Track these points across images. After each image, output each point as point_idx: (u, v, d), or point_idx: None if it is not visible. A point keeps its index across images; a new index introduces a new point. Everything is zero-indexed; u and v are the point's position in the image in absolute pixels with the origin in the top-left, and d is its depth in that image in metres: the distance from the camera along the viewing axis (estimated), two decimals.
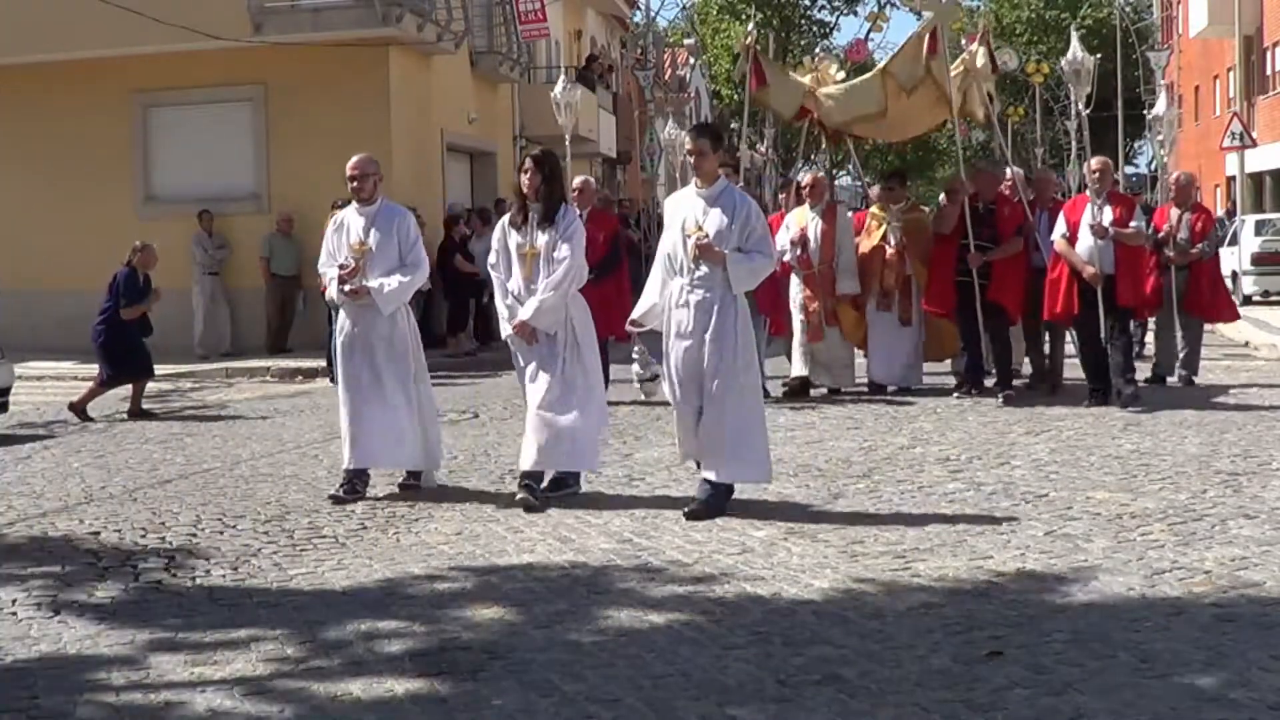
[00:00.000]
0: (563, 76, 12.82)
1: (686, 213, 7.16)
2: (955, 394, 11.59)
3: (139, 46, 17.74)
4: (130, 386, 12.31)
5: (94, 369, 12.52)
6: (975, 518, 6.90)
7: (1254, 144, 26.35)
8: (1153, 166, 25.35)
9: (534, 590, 5.74)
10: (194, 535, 7.03)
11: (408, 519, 7.31)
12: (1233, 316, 13.24)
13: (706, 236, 7.03)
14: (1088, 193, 10.83)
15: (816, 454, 8.96)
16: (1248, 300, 22.58)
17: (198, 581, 6.06)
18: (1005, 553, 6.15)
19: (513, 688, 4.49)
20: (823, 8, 53.57)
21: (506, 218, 7.70)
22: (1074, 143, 23.96)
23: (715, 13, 54.42)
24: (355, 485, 7.91)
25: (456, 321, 18.35)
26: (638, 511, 7.31)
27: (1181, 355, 12.41)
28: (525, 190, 7.52)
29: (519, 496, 7.45)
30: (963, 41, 11.59)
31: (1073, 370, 11.81)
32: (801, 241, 11.91)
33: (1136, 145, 43.61)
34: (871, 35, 56.48)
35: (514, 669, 4.68)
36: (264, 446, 10.18)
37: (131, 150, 19.08)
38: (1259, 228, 24.23)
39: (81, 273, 16.77)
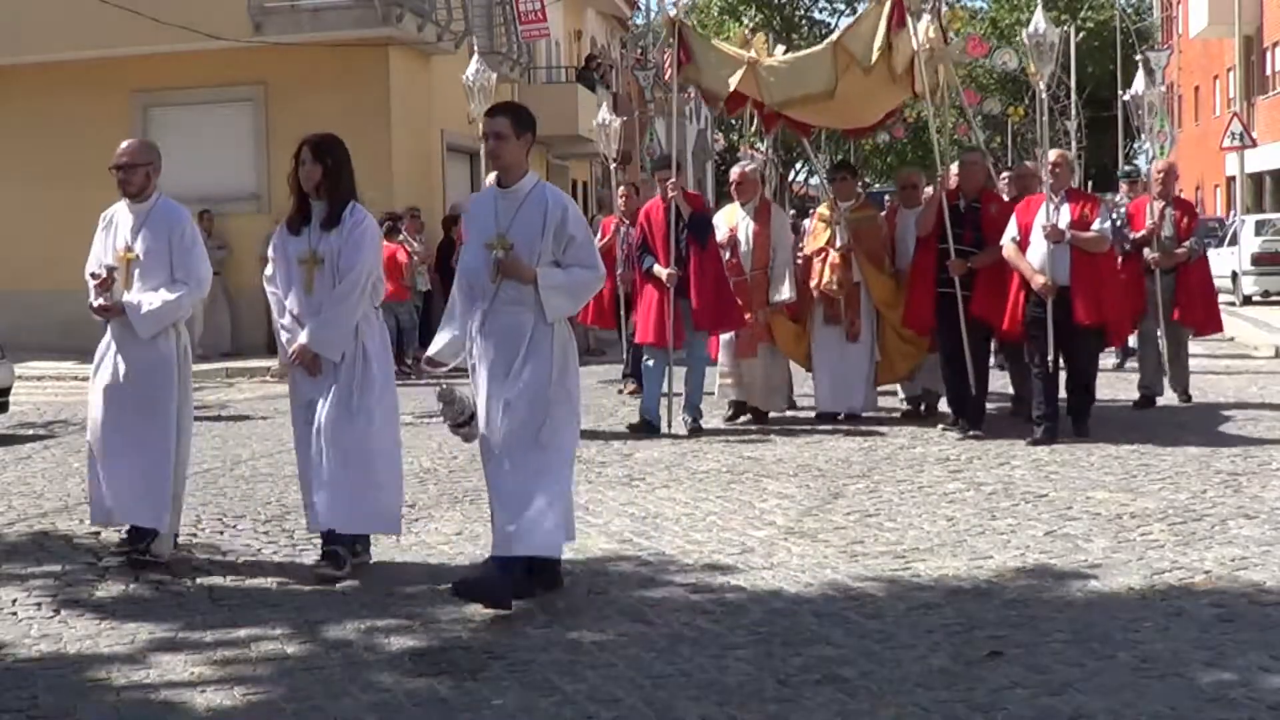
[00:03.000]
0: (475, 58, 11.42)
1: (487, 218, 5.65)
2: (942, 427, 9.77)
3: (139, 46, 17.74)
4: None
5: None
6: (975, 518, 6.90)
7: (1254, 144, 26.37)
8: (1151, 167, 25.29)
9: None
10: (194, 535, 7.03)
11: (408, 519, 7.29)
12: (1219, 327, 11.74)
13: (511, 248, 5.54)
14: (1043, 190, 9.30)
15: (816, 454, 8.96)
16: (1248, 300, 22.59)
17: (198, 581, 6.05)
18: (1005, 553, 6.15)
19: (513, 688, 4.50)
20: (823, 8, 53.63)
21: (283, 221, 6.29)
22: (1074, 142, 23.95)
23: (715, 13, 54.47)
24: (141, 547, 6.28)
25: None
26: (638, 511, 7.31)
27: (1171, 368, 10.91)
28: (304, 185, 6.09)
29: (318, 571, 6.05)
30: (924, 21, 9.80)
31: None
32: (731, 243, 10.31)
33: (1137, 146, 43.57)
34: None
35: (514, 669, 4.68)
36: (264, 446, 10.18)
37: None
38: (1259, 228, 24.24)
39: (81, 273, 16.73)
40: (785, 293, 10.29)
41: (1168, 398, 10.96)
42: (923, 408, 10.62)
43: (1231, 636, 4.81)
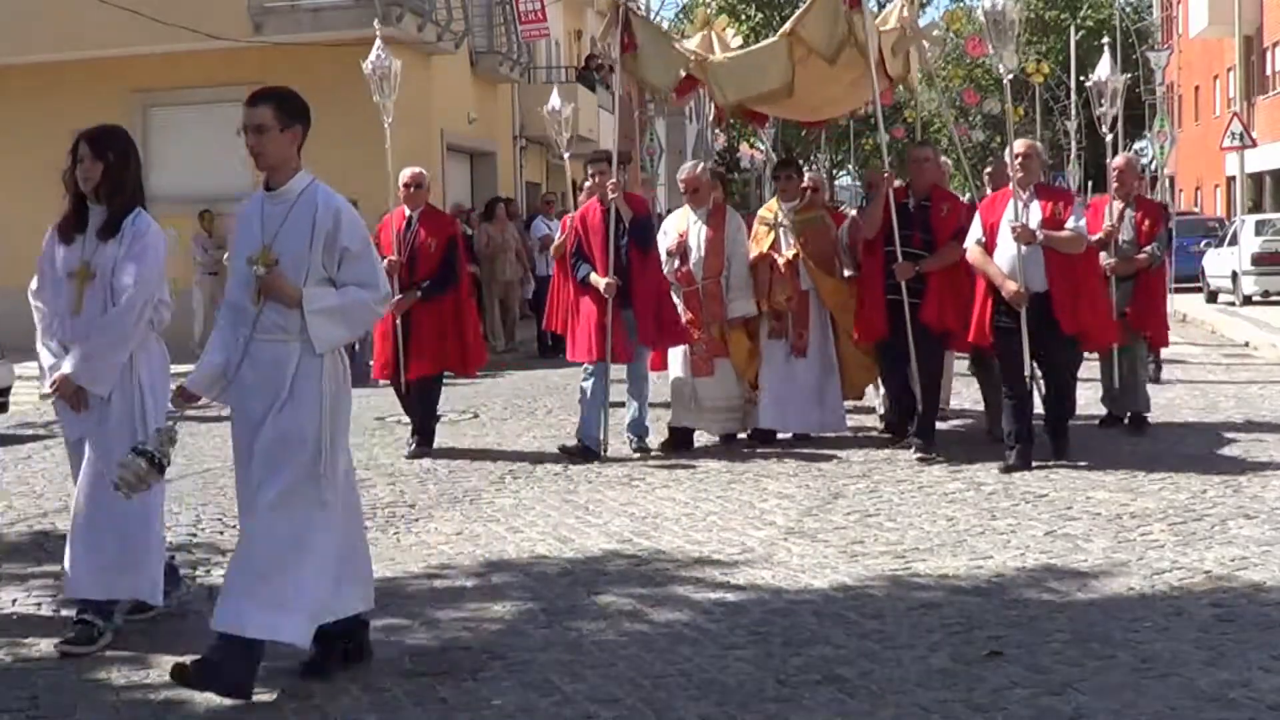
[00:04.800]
0: (378, 44, 10.38)
1: (252, 228, 4.72)
2: (915, 451, 8.65)
3: (139, 46, 17.75)
4: None
5: None
6: (975, 518, 6.89)
7: (1254, 144, 26.37)
8: (1153, 166, 25.28)
9: (534, 590, 5.74)
10: (194, 535, 7.03)
11: (408, 519, 7.31)
12: (1166, 342, 10.64)
13: (275, 264, 4.63)
14: (1011, 186, 8.28)
15: (816, 454, 8.94)
16: (1248, 300, 22.59)
17: (198, 581, 6.06)
18: (1005, 553, 6.15)
19: (513, 688, 4.50)
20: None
21: (54, 226, 5.42)
22: (1073, 143, 23.94)
23: (715, 13, 54.45)
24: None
25: None
26: (638, 511, 7.31)
27: (1119, 387, 9.62)
28: (81, 186, 5.22)
29: (61, 645, 5.03)
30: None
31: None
32: (681, 251, 9.32)
33: (1139, 147, 43.63)
34: None
35: (514, 669, 4.68)
36: None
37: None
38: (1259, 228, 24.23)
39: None
40: (743, 307, 9.25)
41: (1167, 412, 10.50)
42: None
43: (1231, 636, 4.81)
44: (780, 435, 9.48)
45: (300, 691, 4.52)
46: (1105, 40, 11.65)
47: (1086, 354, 9.15)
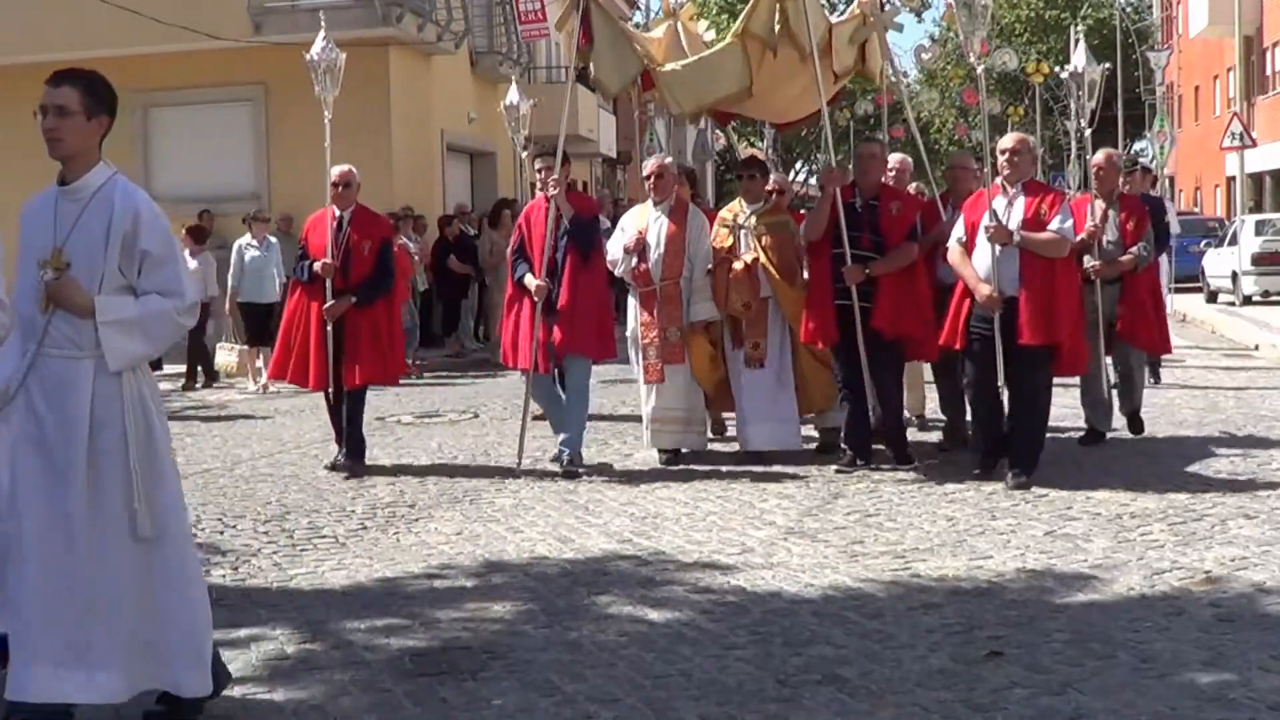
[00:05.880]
0: (322, 34, 10.01)
1: (44, 226, 4.17)
2: (893, 467, 8.26)
3: (139, 46, 17.75)
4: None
5: None
6: (975, 518, 6.89)
7: (1254, 144, 26.38)
8: (1154, 166, 25.29)
9: (534, 590, 5.74)
10: (194, 535, 7.02)
11: (408, 519, 7.31)
12: (1168, 348, 9.94)
13: (67, 268, 4.08)
14: (996, 182, 7.80)
15: (816, 454, 8.94)
16: (1248, 300, 22.59)
17: None
18: (1005, 553, 6.15)
19: (513, 688, 4.50)
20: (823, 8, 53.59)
21: None
22: (1074, 143, 23.91)
23: (715, 13, 54.43)
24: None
25: (451, 321, 18.39)
26: (637, 511, 7.31)
27: (1118, 395, 9.22)
28: None
29: None
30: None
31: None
32: (640, 249, 8.73)
33: (1139, 147, 43.68)
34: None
35: (514, 669, 4.69)
36: (264, 446, 10.18)
37: (131, 150, 19.07)
38: (1259, 228, 24.24)
39: None
40: (705, 310, 8.71)
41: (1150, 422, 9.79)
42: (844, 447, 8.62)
43: (1231, 636, 4.81)
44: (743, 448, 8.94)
45: (301, 692, 4.52)
46: (1078, 29, 10.62)
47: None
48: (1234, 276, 23.17)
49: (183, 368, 14.94)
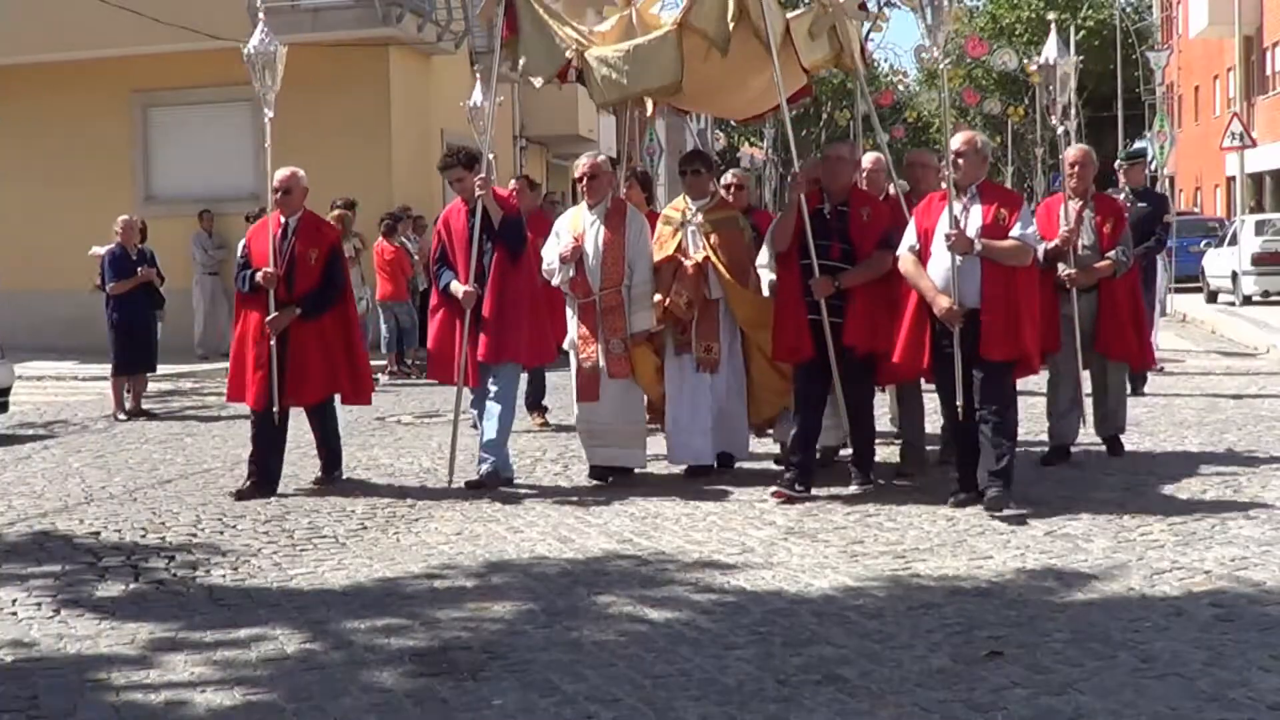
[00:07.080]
0: (260, 27, 9.51)
1: None
2: (853, 483, 7.73)
3: (139, 46, 17.76)
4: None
5: (93, 369, 12.50)
6: (975, 518, 6.89)
7: (1254, 144, 26.38)
8: (1154, 166, 25.26)
9: (534, 590, 5.74)
10: (194, 535, 7.03)
11: (408, 519, 7.31)
12: (1152, 360, 9.50)
13: None
14: (947, 187, 7.19)
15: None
16: (1248, 300, 22.60)
17: (198, 581, 6.06)
18: (1005, 553, 6.15)
19: (513, 688, 4.50)
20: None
21: None
22: (1074, 143, 23.80)
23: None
24: None
25: None
26: (637, 511, 7.31)
27: (1097, 411, 8.64)
28: None
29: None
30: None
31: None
32: (576, 256, 8.10)
33: (1139, 147, 43.72)
34: (871, 36, 56.36)
35: (514, 669, 4.68)
36: None
37: (131, 150, 19.12)
38: (1259, 228, 24.26)
39: (81, 273, 16.78)
40: (644, 320, 8.08)
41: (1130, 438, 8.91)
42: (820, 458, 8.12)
43: (1231, 636, 4.81)
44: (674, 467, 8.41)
45: (300, 692, 4.53)
46: (1052, 18, 10.00)
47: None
48: (1234, 276, 23.19)
49: (183, 368, 14.95)
